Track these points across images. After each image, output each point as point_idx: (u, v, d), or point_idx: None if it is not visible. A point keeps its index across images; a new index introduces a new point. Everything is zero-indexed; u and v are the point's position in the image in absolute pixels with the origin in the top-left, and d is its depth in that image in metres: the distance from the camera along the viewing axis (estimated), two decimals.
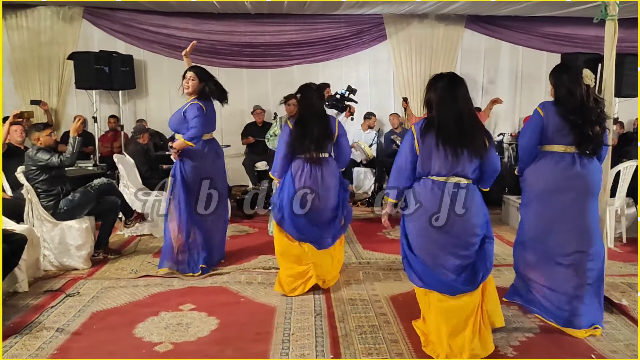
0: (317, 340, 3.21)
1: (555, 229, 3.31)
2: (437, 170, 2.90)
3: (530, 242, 3.45)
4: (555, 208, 3.30)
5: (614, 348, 3.09)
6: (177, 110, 4.54)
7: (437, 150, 2.86)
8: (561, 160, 3.31)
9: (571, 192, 3.27)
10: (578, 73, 3.34)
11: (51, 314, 3.66)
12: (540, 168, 3.38)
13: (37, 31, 7.95)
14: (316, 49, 8.63)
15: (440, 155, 2.86)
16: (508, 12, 8.05)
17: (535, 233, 3.41)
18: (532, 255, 3.45)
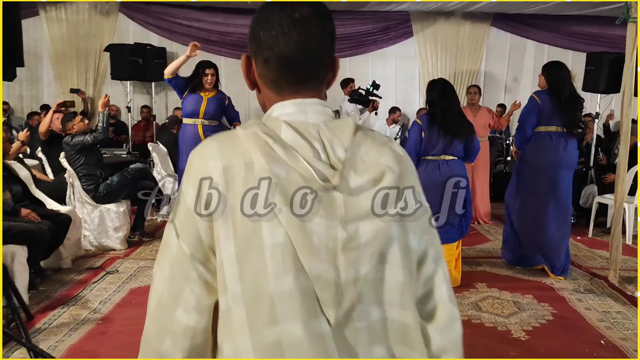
0: None
1: (549, 196, 4.18)
2: (434, 152, 3.86)
3: (529, 208, 4.28)
4: (550, 179, 4.16)
5: (623, 336, 3.25)
6: (216, 102, 5.13)
7: (438, 137, 3.82)
8: (558, 138, 4.18)
9: (562, 166, 4.19)
10: (569, 71, 4.35)
11: (94, 288, 3.95)
12: (539, 146, 4.21)
13: (76, 24, 8.27)
14: (343, 45, 8.78)
15: (440, 140, 3.82)
16: (535, 10, 8.10)
17: (533, 199, 4.24)
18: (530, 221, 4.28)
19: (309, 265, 0.88)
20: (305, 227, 0.89)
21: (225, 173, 0.90)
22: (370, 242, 0.91)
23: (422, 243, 1.00)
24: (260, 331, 0.88)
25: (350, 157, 0.95)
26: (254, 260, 0.88)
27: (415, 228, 0.99)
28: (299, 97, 0.99)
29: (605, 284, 4.08)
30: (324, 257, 0.89)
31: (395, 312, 0.94)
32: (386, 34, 8.78)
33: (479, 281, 4.14)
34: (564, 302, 3.76)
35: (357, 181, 0.93)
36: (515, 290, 3.94)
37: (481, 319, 3.47)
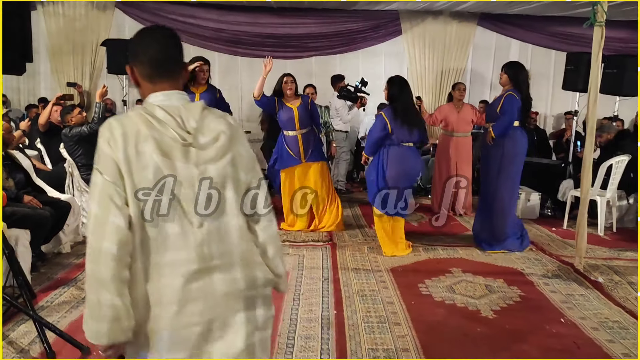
0: (324, 299, 3.69)
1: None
2: (404, 139, 4.61)
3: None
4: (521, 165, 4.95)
5: (583, 315, 3.52)
6: (208, 96, 5.24)
7: (401, 127, 4.57)
8: (523, 131, 4.97)
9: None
10: (528, 72, 5.11)
11: None
12: (517, 139, 4.88)
13: (73, 18, 8.45)
14: (334, 42, 9.03)
15: (404, 130, 4.58)
16: (519, 11, 8.37)
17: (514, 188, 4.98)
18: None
19: (177, 190, 1.50)
20: (174, 165, 1.50)
21: (123, 136, 1.47)
22: (215, 176, 1.54)
23: (248, 177, 1.62)
24: (164, 232, 1.49)
25: (199, 126, 1.56)
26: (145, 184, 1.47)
27: (243, 167, 1.61)
28: (166, 89, 1.57)
29: (571, 270, 4.37)
30: (186, 185, 1.51)
31: (233, 218, 1.57)
32: (376, 31, 9.01)
33: (455, 267, 4.41)
34: (532, 286, 4.04)
35: (204, 140, 1.55)
36: (487, 275, 4.21)
37: (454, 300, 3.74)
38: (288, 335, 3.15)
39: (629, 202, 6.05)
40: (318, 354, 2.93)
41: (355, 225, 5.76)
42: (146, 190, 1.47)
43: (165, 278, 1.48)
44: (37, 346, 2.97)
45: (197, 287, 1.50)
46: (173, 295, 1.48)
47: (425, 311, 3.54)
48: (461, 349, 3.03)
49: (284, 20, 8.78)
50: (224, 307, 1.54)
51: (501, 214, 4.90)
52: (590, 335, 3.22)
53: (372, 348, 3.01)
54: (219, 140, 1.56)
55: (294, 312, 3.48)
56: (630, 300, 3.81)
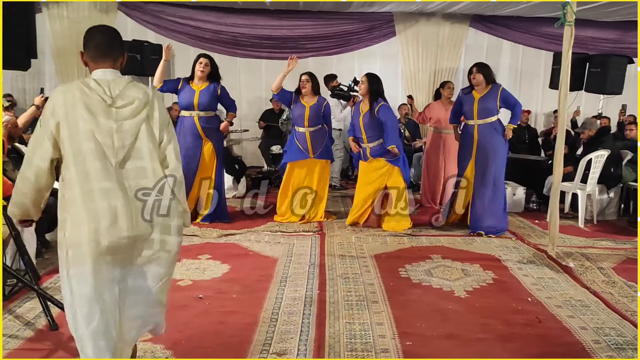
0: (309, 281, 3.95)
1: None
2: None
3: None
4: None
5: (549, 295, 3.77)
6: (209, 92, 5.47)
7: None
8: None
9: None
10: None
11: None
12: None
13: (76, 21, 8.75)
14: (330, 43, 9.29)
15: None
16: (509, 12, 8.62)
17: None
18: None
19: (100, 138, 2.08)
20: (97, 121, 2.08)
21: (63, 102, 2.07)
22: (129, 130, 2.13)
23: (161, 134, 2.22)
24: (81, 165, 2.05)
25: (120, 93, 2.14)
26: (76, 138, 2.06)
27: (156, 125, 2.20)
28: (105, 67, 2.19)
29: (545, 256, 4.62)
30: (106, 135, 2.09)
31: (147, 162, 2.15)
32: (370, 33, 9.28)
33: (435, 254, 4.67)
34: (506, 270, 4.29)
35: (123, 103, 2.14)
36: (465, 261, 4.47)
37: (430, 282, 3.99)
38: (272, 311, 3.41)
39: (609, 195, 6.29)
40: (299, 327, 3.18)
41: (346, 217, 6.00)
42: (74, 140, 2.07)
43: (95, 201, 2.05)
44: (41, 320, 3.23)
45: (122, 209, 2.08)
46: (104, 213, 2.05)
47: (403, 291, 3.79)
48: (430, 322, 3.28)
49: (281, 22, 9.06)
50: (143, 229, 2.13)
51: (503, 197, 5.49)
52: (552, 312, 3.47)
53: (349, 322, 3.26)
54: (134, 104, 2.16)
55: (280, 292, 3.74)
56: (597, 283, 4.05)
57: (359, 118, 5.52)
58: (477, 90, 5.45)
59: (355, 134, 5.65)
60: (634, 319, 3.38)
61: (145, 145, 2.15)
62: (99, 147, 2.07)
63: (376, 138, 5.44)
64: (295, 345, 2.95)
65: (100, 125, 2.08)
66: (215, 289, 3.81)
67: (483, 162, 5.35)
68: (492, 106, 5.37)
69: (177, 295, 3.67)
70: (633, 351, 2.95)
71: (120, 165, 2.10)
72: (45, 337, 3.04)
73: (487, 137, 5.35)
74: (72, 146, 2.06)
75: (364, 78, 5.54)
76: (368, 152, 5.51)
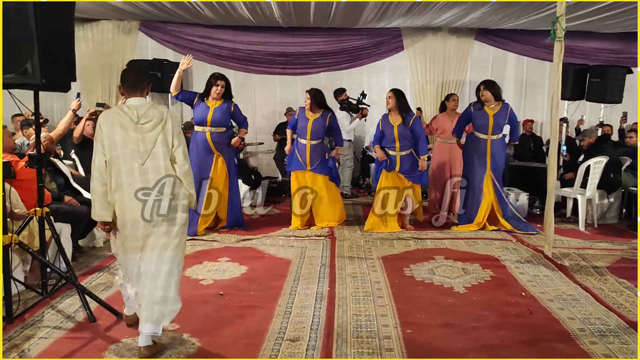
0: (320, 280, 4.29)
1: None
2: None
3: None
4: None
5: (543, 291, 4.07)
6: (223, 110, 5.83)
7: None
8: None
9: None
10: None
11: None
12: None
13: (100, 42, 9.25)
14: (340, 58, 9.69)
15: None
16: (513, 25, 8.94)
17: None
18: None
19: (130, 146, 3.00)
20: (128, 134, 3.01)
21: (105, 122, 3.04)
22: (149, 139, 3.03)
23: (175, 141, 3.10)
24: (116, 166, 3.00)
25: (144, 114, 3.06)
26: (114, 146, 3.00)
27: (169, 134, 3.08)
28: (134, 97, 3.12)
29: (542, 256, 4.91)
30: (134, 144, 3.00)
31: (161, 162, 3.05)
32: (379, 48, 9.66)
33: (439, 255, 4.98)
34: (504, 269, 4.59)
35: (145, 121, 3.05)
36: (466, 261, 4.78)
37: (432, 280, 4.31)
38: (287, 305, 3.75)
39: (609, 200, 6.56)
40: (310, 318, 3.52)
41: (356, 224, 6.34)
42: (113, 148, 2.99)
43: (124, 191, 3.00)
44: (80, 314, 3.61)
45: (142, 197, 3.00)
46: (130, 201, 2.99)
47: (406, 288, 4.12)
48: (430, 313, 3.61)
49: (294, 39, 9.48)
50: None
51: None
52: (544, 305, 3.77)
53: (356, 314, 3.60)
54: (152, 121, 3.05)
55: (293, 289, 4.09)
56: (590, 280, 4.34)
57: (392, 129, 5.92)
58: (489, 107, 5.96)
59: (384, 144, 6.03)
60: (620, 311, 3.66)
61: (160, 149, 3.04)
62: (129, 152, 2.99)
63: (407, 147, 5.92)
64: (307, 333, 3.29)
65: (130, 137, 3.00)
66: (234, 287, 4.17)
67: (496, 173, 6.01)
68: (503, 123, 6.00)
69: (199, 292, 4.05)
70: (614, 337, 3.25)
71: (143, 164, 3.01)
72: (85, 328, 3.41)
73: (499, 151, 6.02)
74: (111, 152, 3.00)
75: (391, 94, 6.02)
76: (398, 160, 5.92)
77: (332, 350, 3.08)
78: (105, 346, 3.17)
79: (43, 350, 3.11)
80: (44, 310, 3.67)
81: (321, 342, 3.18)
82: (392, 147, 5.95)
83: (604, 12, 7.30)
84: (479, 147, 6.01)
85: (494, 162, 6.00)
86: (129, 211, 2.99)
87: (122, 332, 3.35)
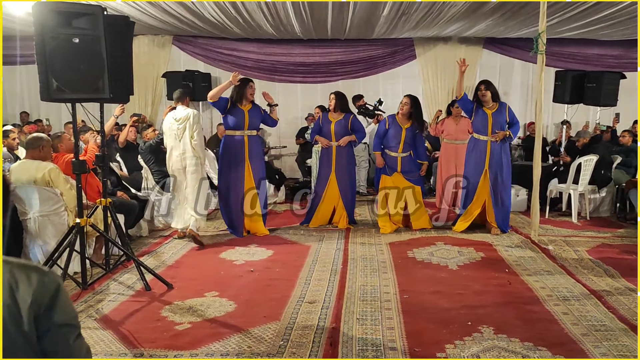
0: (334, 260, 5.05)
1: None
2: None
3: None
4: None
5: (525, 268, 4.76)
6: (256, 113, 6.27)
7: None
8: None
9: None
10: None
11: (166, 247, 5.67)
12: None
13: (137, 55, 9.96)
14: (357, 67, 10.45)
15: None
16: (519, 34, 9.59)
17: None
18: None
19: (174, 136, 5.88)
20: (172, 128, 5.87)
21: (164, 121, 5.96)
22: (180, 131, 5.84)
23: (193, 133, 5.86)
24: (170, 148, 5.96)
25: (178, 115, 5.82)
26: (168, 136, 5.92)
27: (190, 128, 5.84)
28: (179, 105, 5.87)
29: (529, 241, 5.59)
30: (175, 134, 5.89)
31: (188, 146, 5.85)
32: (393, 57, 10.40)
33: (440, 241, 5.70)
34: (495, 252, 5.30)
35: (179, 119, 5.80)
36: (462, 246, 5.49)
37: (431, 260, 5.04)
38: (306, 278, 4.52)
39: (600, 194, 7.18)
40: (325, 287, 4.28)
41: (369, 217, 7.09)
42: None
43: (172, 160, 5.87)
44: (138, 284, 4.42)
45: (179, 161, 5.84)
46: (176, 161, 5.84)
47: (407, 266, 4.86)
48: (424, 284, 4.34)
49: (314, 50, 10.28)
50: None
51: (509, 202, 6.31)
52: (522, 279, 4.47)
53: (363, 284, 4.35)
54: (181, 119, 5.73)
55: (312, 267, 4.86)
56: (568, 260, 5.02)
57: (400, 131, 6.20)
58: (487, 107, 6.07)
59: (386, 144, 6.27)
60: (586, 282, 4.35)
61: (187, 138, 5.68)
62: (179, 164, 5.47)
63: (408, 149, 6.25)
64: (322, 297, 4.06)
65: (173, 130, 5.56)
66: (263, 266, 4.95)
67: (498, 174, 6.05)
68: (503, 121, 6.04)
69: (234, 269, 4.84)
70: (575, 301, 3.94)
71: (180, 142, 5.64)
72: (143, 295, 4.22)
73: (499, 152, 6.04)
74: (167, 141, 5.55)
75: (407, 99, 6.28)
76: (399, 161, 6.21)
77: (341, 310, 3.83)
78: (161, 307, 3.97)
79: (113, 309, 3.92)
80: (108, 282, 4.49)
81: (334, 304, 3.93)
82: (395, 148, 6.22)
83: (599, 23, 7.93)
84: (479, 148, 6.16)
85: (493, 162, 6.04)
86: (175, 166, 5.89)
87: (172, 298, 4.15)
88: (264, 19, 8.20)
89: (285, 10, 7.66)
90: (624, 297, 4.03)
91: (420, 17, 8.00)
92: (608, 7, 6.94)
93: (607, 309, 3.80)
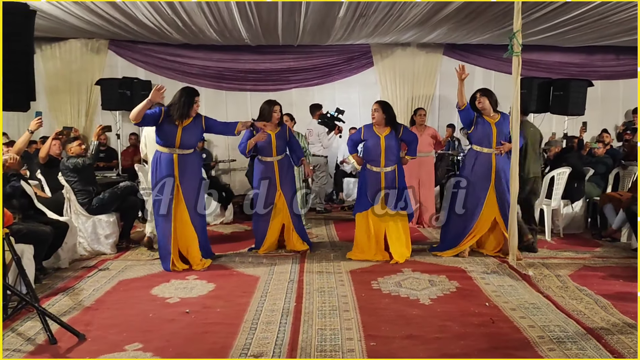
0: (287, 295, 4.29)
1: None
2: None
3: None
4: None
5: (507, 300, 4.13)
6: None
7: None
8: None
9: None
10: None
11: (88, 281, 4.79)
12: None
13: (69, 60, 9.21)
14: (311, 75, 9.79)
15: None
16: (479, 40, 9.14)
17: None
18: None
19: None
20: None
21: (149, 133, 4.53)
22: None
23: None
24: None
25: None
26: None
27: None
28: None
29: (507, 266, 4.98)
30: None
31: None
32: (349, 64, 9.80)
33: (407, 268, 5.03)
34: (470, 280, 4.65)
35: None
36: (433, 273, 4.83)
37: (399, 292, 4.35)
38: (252, 322, 3.74)
39: (574, 209, 6.69)
40: (275, 334, 3.52)
41: (327, 238, 6.37)
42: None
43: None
44: (41, 336, 3.55)
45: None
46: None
47: (372, 300, 4.14)
48: (394, 325, 3.63)
49: (264, 56, 9.56)
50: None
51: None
52: (506, 314, 3.82)
53: (321, 328, 3.60)
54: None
55: (260, 305, 4.08)
56: (552, 288, 4.42)
57: (378, 140, 5.41)
58: (487, 116, 5.45)
59: (368, 159, 5.51)
60: (579, 318, 3.74)
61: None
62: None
63: (392, 163, 5.44)
64: (271, 349, 3.29)
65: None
66: (201, 305, 4.14)
67: (501, 190, 5.31)
68: (507, 132, 5.33)
69: (165, 310, 4.02)
70: (571, 344, 3.30)
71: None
72: (44, 350, 3.35)
73: (504, 166, 5.29)
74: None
75: (377, 106, 5.53)
76: (382, 177, 5.41)
77: None
78: None
79: None
80: (4, 333, 3.60)
81: (285, 355, 3.18)
82: (377, 162, 5.43)
83: (564, 26, 7.52)
84: (481, 162, 5.36)
85: (500, 180, 5.29)
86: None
87: (82, 354, 3.30)
88: (206, 22, 7.43)
89: (230, 12, 6.92)
90: (624, 336, 3.43)
91: (379, 19, 7.40)
92: (577, 8, 6.51)
93: (609, 352, 3.19)
